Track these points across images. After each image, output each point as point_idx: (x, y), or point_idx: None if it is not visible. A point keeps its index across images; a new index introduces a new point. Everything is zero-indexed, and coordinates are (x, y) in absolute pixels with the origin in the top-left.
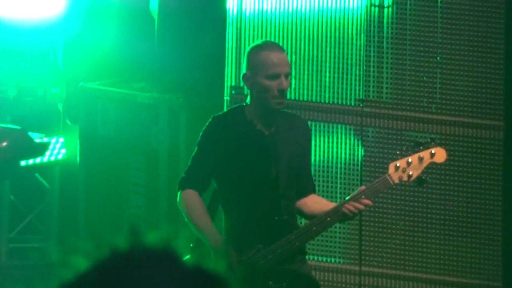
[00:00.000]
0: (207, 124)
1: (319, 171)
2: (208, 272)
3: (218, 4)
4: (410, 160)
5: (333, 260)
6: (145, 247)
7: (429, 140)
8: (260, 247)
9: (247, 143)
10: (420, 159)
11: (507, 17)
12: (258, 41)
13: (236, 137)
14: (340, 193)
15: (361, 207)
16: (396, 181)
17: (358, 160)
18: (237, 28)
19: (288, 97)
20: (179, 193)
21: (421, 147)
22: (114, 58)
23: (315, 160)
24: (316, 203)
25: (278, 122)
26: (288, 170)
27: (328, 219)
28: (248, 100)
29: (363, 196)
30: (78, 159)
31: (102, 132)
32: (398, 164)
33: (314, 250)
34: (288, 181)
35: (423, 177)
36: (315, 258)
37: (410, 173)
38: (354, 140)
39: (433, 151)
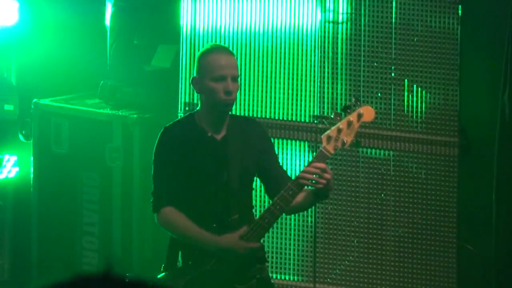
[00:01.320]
0: (159, 137)
1: None
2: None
3: (172, 20)
4: (340, 127)
5: (287, 277)
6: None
7: (353, 101)
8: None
9: (198, 150)
10: (350, 123)
11: (462, 35)
12: (207, 45)
13: (188, 145)
14: None
15: (317, 170)
16: (332, 151)
17: None
18: (191, 44)
19: (242, 113)
20: (156, 215)
21: (348, 111)
22: (68, 75)
23: None
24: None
25: (230, 126)
26: (240, 173)
27: (278, 208)
28: (198, 106)
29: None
30: (31, 176)
31: (56, 149)
32: (329, 135)
33: (268, 267)
34: (239, 183)
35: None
36: (270, 275)
37: (344, 139)
38: (308, 156)
39: (360, 112)
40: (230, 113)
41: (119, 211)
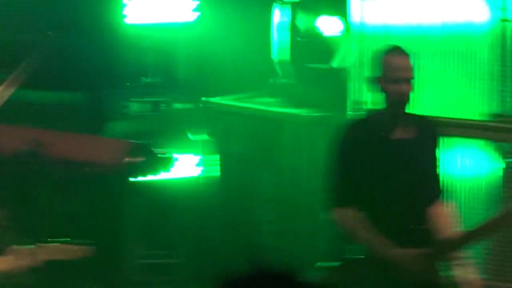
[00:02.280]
0: (343, 134)
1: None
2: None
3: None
4: None
5: None
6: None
7: None
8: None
9: (379, 150)
10: None
11: None
12: (387, 45)
13: (369, 145)
14: (465, 205)
15: None
16: None
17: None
18: (359, 42)
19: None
20: (332, 211)
21: None
22: (237, 74)
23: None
24: (439, 222)
25: (413, 127)
26: (421, 175)
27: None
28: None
29: None
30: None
31: (230, 148)
32: None
33: None
34: (420, 185)
35: None
36: None
37: None
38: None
39: None
40: (407, 112)
41: (291, 209)
